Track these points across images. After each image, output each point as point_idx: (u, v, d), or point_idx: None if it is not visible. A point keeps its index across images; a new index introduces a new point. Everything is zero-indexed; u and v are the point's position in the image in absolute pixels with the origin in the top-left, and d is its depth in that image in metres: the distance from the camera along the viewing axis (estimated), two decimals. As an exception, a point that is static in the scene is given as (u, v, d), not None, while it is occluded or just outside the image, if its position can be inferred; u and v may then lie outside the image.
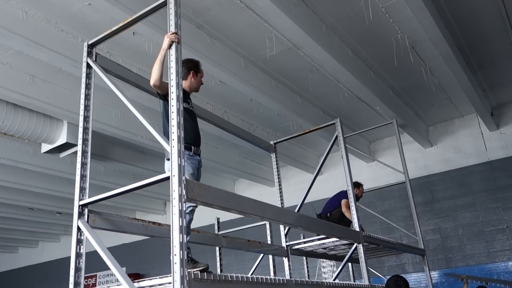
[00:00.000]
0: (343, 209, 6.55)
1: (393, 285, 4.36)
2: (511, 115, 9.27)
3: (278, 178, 6.48)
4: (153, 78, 3.40)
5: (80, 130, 3.65)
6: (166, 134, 3.36)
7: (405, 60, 6.94)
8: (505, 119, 9.29)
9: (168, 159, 3.32)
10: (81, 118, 3.68)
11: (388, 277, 8.88)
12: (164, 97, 3.57)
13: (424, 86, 7.93)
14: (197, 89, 4.00)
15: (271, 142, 6.73)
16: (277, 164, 6.57)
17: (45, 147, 7.81)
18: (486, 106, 8.63)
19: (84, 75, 3.82)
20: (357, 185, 7.00)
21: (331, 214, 6.63)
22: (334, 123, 6.04)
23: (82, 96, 3.76)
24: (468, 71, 7.18)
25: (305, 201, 6.10)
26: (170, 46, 3.23)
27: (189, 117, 3.75)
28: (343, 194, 6.66)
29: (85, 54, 3.86)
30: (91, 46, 3.90)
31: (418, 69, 7.35)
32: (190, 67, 3.90)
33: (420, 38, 6.40)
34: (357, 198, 6.84)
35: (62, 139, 7.45)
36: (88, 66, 3.84)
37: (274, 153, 6.65)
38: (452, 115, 9.65)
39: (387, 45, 6.63)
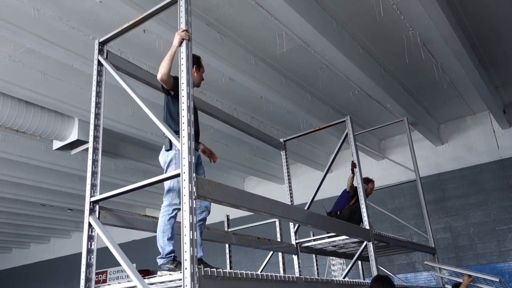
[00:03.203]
0: (348, 182, 6.61)
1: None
2: (524, 113, 9.16)
3: (288, 175, 6.47)
4: (161, 72, 3.39)
5: (91, 127, 3.67)
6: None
7: (416, 57, 6.89)
8: (518, 117, 9.17)
9: (167, 150, 3.35)
10: (92, 115, 3.71)
11: (398, 275, 8.86)
12: (168, 91, 3.58)
13: (436, 84, 7.86)
14: (198, 84, 3.96)
15: (281, 140, 6.72)
16: (286, 161, 6.56)
17: (57, 144, 7.88)
18: (498, 104, 8.52)
19: (95, 72, 3.85)
20: (366, 181, 6.98)
21: (341, 212, 6.61)
22: (344, 121, 6.01)
23: (93, 93, 3.79)
24: (480, 68, 7.10)
25: (315, 199, 6.09)
26: (180, 44, 3.24)
27: None
28: (344, 192, 6.77)
29: (96, 51, 3.88)
30: (102, 44, 3.92)
31: (429, 66, 7.28)
32: (193, 62, 3.89)
33: (432, 35, 6.34)
34: (366, 194, 6.85)
35: (73, 136, 7.51)
36: (99, 64, 3.86)
37: (283, 151, 6.64)
38: (463, 113, 9.55)
39: (398, 42, 6.58)
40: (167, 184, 3.42)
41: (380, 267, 6.09)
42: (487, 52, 7.27)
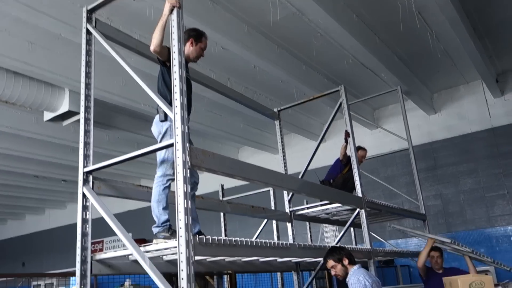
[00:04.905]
0: (341, 151, 6.61)
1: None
2: (517, 81, 9.18)
3: (282, 145, 6.48)
4: (154, 44, 3.34)
5: (82, 97, 3.62)
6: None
7: (411, 25, 6.82)
8: (510, 86, 9.19)
9: (162, 121, 3.34)
10: (83, 86, 3.65)
11: (389, 241, 9.03)
12: (164, 63, 3.53)
13: (430, 52, 7.82)
14: (194, 59, 3.89)
15: (275, 110, 6.70)
16: (280, 131, 6.56)
17: (48, 115, 7.81)
18: (491, 73, 8.53)
19: (84, 41, 3.77)
20: (357, 149, 7.01)
21: (334, 181, 6.66)
22: (338, 90, 5.98)
23: (83, 63, 3.72)
24: (474, 37, 7.06)
25: (309, 168, 6.12)
26: (171, 11, 3.18)
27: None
28: (337, 161, 6.77)
29: (84, 20, 3.78)
30: (90, 12, 3.82)
31: (424, 34, 7.23)
32: (192, 35, 3.80)
33: (427, 2, 6.26)
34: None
35: (64, 107, 7.44)
36: (88, 33, 3.78)
37: (277, 121, 6.63)
38: (457, 82, 9.56)
39: (393, 10, 6.49)
40: (160, 155, 3.41)
41: (372, 234, 6.19)
42: (482, 21, 7.21)
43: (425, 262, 5.46)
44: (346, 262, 3.86)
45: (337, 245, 4.06)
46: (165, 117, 3.39)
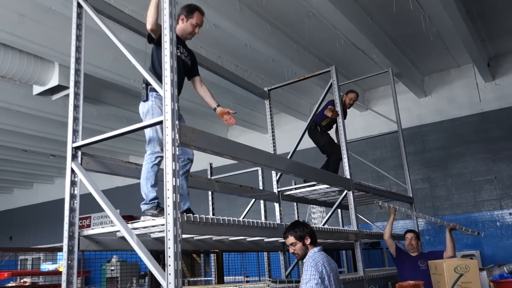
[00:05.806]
0: (327, 113, 6.40)
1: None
2: (508, 66, 9.21)
3: (271, 125, 6.49)
4: (150, 22, 3.31)
5: (72, 72, 3.59)
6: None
7: (404, 7, 6.78)
8: (502, 70, 9.23)
9: (144, 101, 3.34)
10: (73, 60, 3.61)
11: (376, 223, 9.15)
12: (153, 39, 3.49)
13: (422, 35, 7.80)
14: (188, 36, 3.84)
15: (265, 89, 6.67)
16: (270, 111, 6.56)
17: (37, 89, 7.71)
18: (483, 57, 8.55)
19: (74, 15, 3.71)
20: (348, 92, 7.03)
21: (320, 128, 6.70)
22: (329, 71, 5.96)
23: (73, 37, 3.67)
24: (467, 20, 7.05)
25: (298, 149, 6.14)
26: (163, -13, 3.11)
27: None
28: (331, 102, 6.46)
29: (75, -8, 3.72)
30: (81, -15, 3.74)
31: (417, 16, 7.19)
32: (183, 11, 3.75)
33: (421, -16, 6.22)
34: (344, 105, 6.95)
35: (54, 81, 7.35)
36: (79, 6, 3.72)
37: (268, 100, 6.62)
38: (448, 65, 9.57)
39: (386, -9, 6.45)
40: (147, 134, 3.42)
41: (359, 216, 6.26)
42: (476, 3, 7.19)
43: (390, 234, 5.54)
44: (308, 241, 3.50)
45: (301, 220, 3.79)
46: (147, 97, 3.41)
